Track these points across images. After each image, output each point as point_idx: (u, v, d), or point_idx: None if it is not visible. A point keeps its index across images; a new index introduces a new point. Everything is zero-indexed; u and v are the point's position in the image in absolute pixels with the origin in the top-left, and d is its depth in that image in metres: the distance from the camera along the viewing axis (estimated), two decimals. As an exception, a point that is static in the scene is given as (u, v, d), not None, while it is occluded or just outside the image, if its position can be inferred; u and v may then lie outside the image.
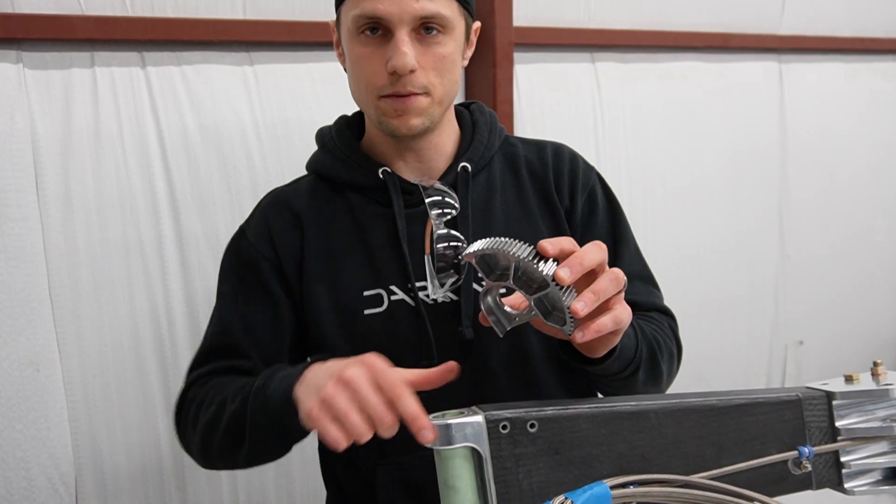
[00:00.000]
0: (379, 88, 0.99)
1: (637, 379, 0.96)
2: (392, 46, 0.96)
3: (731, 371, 2.31)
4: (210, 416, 0.98)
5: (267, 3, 1.54)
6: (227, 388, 0.98)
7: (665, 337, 1.04)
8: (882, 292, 2.66)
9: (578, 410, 0.75)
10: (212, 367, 1.07)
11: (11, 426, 1.36)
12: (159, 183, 1.46)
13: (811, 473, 0.80)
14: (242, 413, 0.92)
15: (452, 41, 1.00)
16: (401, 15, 0.95)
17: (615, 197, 1.17)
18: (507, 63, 1.77)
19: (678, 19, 2.09)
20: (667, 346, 1.03)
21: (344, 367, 0.77)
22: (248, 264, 1.09)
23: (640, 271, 1.14)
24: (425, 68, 0.98)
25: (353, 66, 1.02)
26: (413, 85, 0.98)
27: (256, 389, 0.91)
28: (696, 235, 2.19)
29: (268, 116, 1.56)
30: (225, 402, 0.96)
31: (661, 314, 1.11)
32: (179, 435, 1.08)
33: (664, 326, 1.07)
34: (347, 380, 0.75)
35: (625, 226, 1.16)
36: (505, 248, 0.76)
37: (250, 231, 1.11)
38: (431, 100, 1.01)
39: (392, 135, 1.03)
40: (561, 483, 0.73)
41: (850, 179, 2.50)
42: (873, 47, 2.49)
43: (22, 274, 1.35)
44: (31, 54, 1.36)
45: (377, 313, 1.05)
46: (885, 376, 0.84)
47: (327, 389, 0.75)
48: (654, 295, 1.13)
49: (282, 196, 1.13)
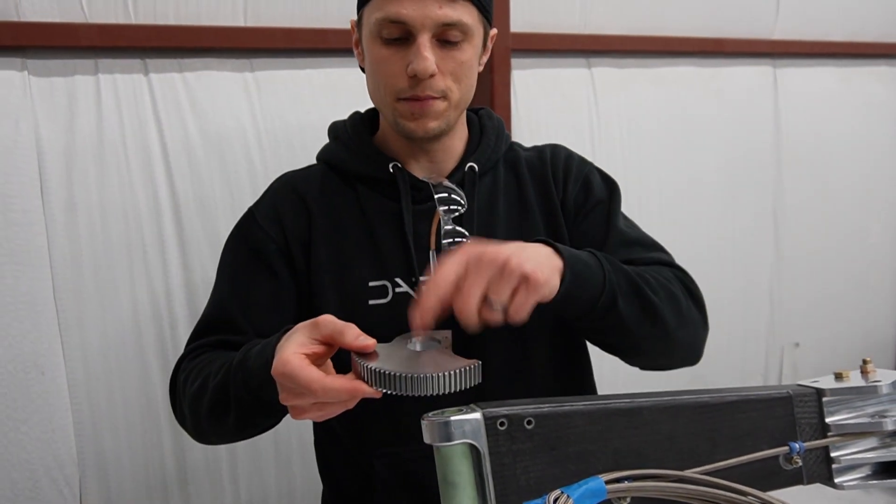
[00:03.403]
0: (398, 91, 1.00)
1: (621, 312, 0.94)
2: (413, 51, 0.97)
3: (727, 372, 2.33)
4: (195, 389, 0.98)
5: (267, 10, 1.56)
6: (213, 363, 0.99)
7: (661, 278, 1.02)
8: (876, 294, 2.68)
9: (574, 407, 0.77)
10: (206, 340, 1.07)
11: (17, 428, 1.38)
12: (161, 187, 1.48)
13: (802, 468, 0.82)
14: (225, 387, 0.92)
15: (472, 48, 1.02)
16: (423, 20, 0.96)
17: (615, 183, 1.18)
18: (504, 68, 1.79)
19: (673, 24, 2.11)
20: (663, 286, 1.01)
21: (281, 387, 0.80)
22: (254, 244, 1.10)
23: (638, 238, 1.14)
24: (444, 73, 1.00)
25: (372, 68, 1.03)
26: (432, 89, 0.99)
27: (237, 364, 0.91)
28: (691, 238, 2.21)
29: (268, 121, 1.58)
30: (209, 377, 0.97)
31: (664, 266, 1.09)
32: (174, 410, 1.08)
33: (661, 273, 1.04)
34: (292, 405, 0.80)
35: (619, 205, 1.16)
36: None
37: (259, 212, 1.12)
38: (448, 104, 1.02)
39: (408, 137, 1.05)
40: (558, 478, 0.74)
41: (844, 182, 2.52)
42: (866, 52, 2.51)
43: (27, 278, 1.37)
44: (36, 62, 1.38)
45: (382, 304, 1.06)
46: (873, 374, 0.85)
47: (282, 400, 0.80)
48: (655, 256, 1.11)
49: (293, 181, 1.14)
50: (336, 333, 0.78)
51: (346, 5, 1.06)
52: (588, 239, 1.12)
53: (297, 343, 0.78)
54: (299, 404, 0.79)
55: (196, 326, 1.11)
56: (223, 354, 1.01)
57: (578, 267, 0.89)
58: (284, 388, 0.79)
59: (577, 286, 0.88)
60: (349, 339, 0.77)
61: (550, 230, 1.13)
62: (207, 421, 0.98)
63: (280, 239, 1.09)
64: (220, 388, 0.94)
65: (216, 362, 0.98)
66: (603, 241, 1.11)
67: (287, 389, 0.79)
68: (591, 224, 1.13)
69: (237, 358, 0.92)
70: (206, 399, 0.96)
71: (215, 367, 0.97)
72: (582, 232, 1.13)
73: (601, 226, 1.13)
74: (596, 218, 1.14)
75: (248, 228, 1.12)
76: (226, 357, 0.98)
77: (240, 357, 0.92)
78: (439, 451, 0.74)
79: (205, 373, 0.98)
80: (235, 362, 0.92)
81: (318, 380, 0.75)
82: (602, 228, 1.13)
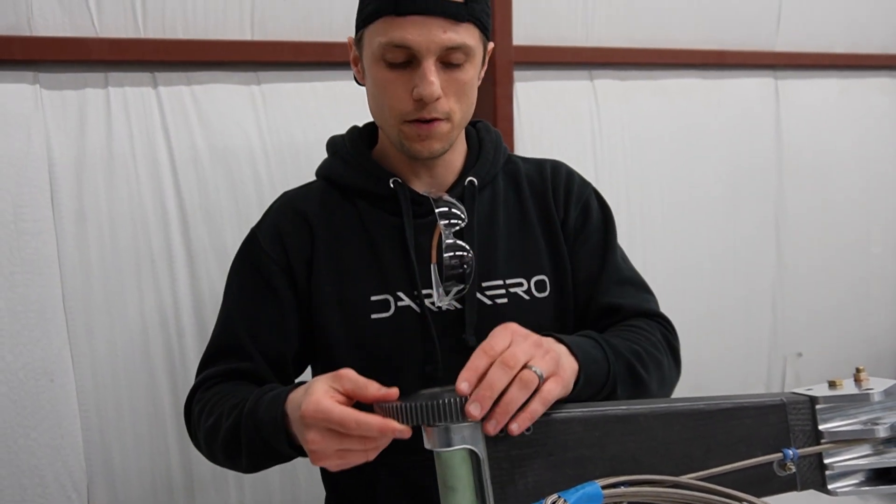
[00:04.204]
0: (403, 114, 1.01)
1: (616, 395, 0.96)
2: (419, 75, 0.98)
3: (729, 381, 2.33)
4: (209, 426, 1.01)
5: (274, 24, 1.59)
6: (225, 401, 1.01)
7: (651, 347, 1.05)
8: (879, 303, 2.69)
9: (572, 414, 0.78)
10: (217, 369, 1.09)
11: (27, 434, 1.39)
12: (169, 198, 1.50)
13: (796, 475, 0.83)
14: (237, 432, 0.95)
15: (473, 67, 1.03)
16: (428, 45, 0.97)
17: (610, 210, 1.20)
18: (506, 81, 1.81)
19: (675, 37, 2.12)
20: (652, 357, 1.04)
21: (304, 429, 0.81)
22: (258, 267, 1.11)
23: (631, 276, 1.16)
24: (448, 95, 1.01)
25: (376, 90, 1.04)
26: (437, 111, 1.00)
27: (248, 412, 0.93)
28: (694, 249, 2.22)
29: (274, 133, 1.60)
30: (221, 417, 0.99)
31: (651, 319, 1.12)
32: (189, 434, 1.11)
33: (651, 334, 1.08)
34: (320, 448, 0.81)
35: (615, 236, 1.19)
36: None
37: (261, 234, 1.13)
38: (452, 125, 1.04)
39: (412, 157, 1.07)
40: (555, 483, 0.76)
41: (846, 192, 2.53)
42: (868, 63, 2.52)
43: (37, 286, 1.38)
44: (48, 75, 1.40)
45: (384, 318, 1.07)
46: (866, 381, 0.86)
47: (317, 462, 0.82)
48: (644, 299, 1.15)
49: (293, 199, 1.16)
50: (358, 389, 0.80)
51: (351, 19, 1.07)
52: (584, 271, 1.14)
53: (321, 390, 0.81)
54: (324, 449, 0.80)
55: (206, 350, 1.13)
56: (234, 391, 1.03)
57: (591, 368, 0.90)
58: (314, 429, 0.80)
59: (587, 385, 0.89)
60: (372, 392, 0.79)
61: (551, 249, 1.14)
62: (223, 457, 1.02)
63: (282, 259, 1.10)
64: (232, 430, 0.96)
65: (228, 401, 1.01)
66: (598, 277, 1.14)
67: (316, 430, 0.80)
68: (587, 255, 1.15)
69: (248, 406, 0.94)
70: (219, 438, 0.99)
71: (227, 407, 0.99)
72: (578, 260, 1.15)
73: (597, 259, 1.15)
74: (592, 249, 1.16)
75: (251, 251, 1.13)
76: (237, 396, 1.00)
77: (250, 406, 0.94)
78: (439, 457, 0.76)
79: (217, 411, 1.01)
80: (246, 410, 0.94)
81: (353, 415, 0.77)
82: (598, 262, 1.15)
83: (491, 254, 1.11)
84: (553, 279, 1.13)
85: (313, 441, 0.80)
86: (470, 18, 0.99)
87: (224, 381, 1.08)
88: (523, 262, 1.13)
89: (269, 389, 0.95)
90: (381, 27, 0.99)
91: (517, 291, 1.11)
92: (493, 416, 0.73)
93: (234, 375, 1.09)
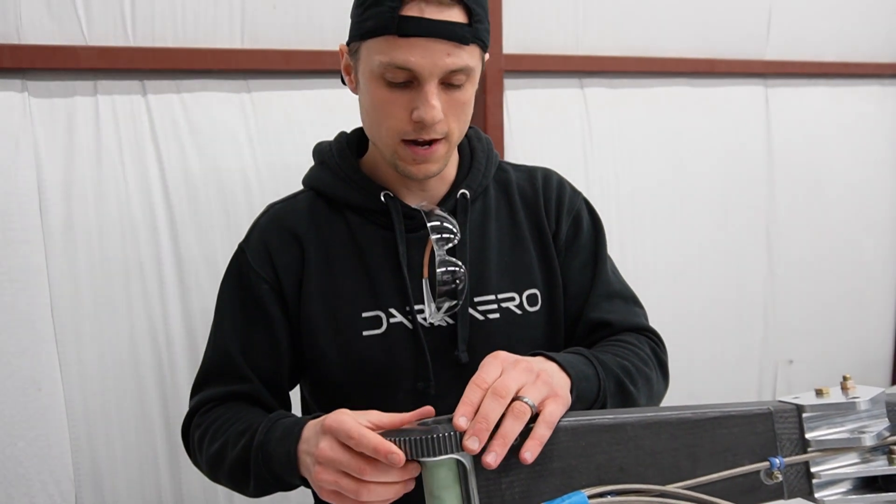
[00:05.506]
0: (401, 133, 0.99)
1: (605, 408, 0.96)
2: (421, 98, 0.96)
3: (721, 389, 2.34)
4: (214, 452, 1.00)
5: (264, 32, 1.59)
6: (228, 427, 1.00)
7: (639, 362, 1.04)
8: (870, 310, 2.70)
9: (559, 423, 0.78)
10: (214, 391, 1.08)
11: (14, 443, 1.39)
12: (159, 206, 1.50)
13: (783, 483, 0.83)
14: (244, 462, 0.95)
15: (473, 86, 1.02)
16: (431, 69, 0.94)
17: (600, 220, 1.20)
18: (497, 89, 1.81)
19: (665, 45, 2.13)
20: (641, 372, 1.03)
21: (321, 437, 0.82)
22: (247, 286, 1.09)
23: (620, 290, 1.16)
24: (447, 115, 0.99)
25: (373, 108, 1.01)
26: (436, 132, 0.99)
27: (258, 446, 0.92)
28: (684, 257, 2.22)
29: (263, 142, 1.60)
30: (227, 446, 0.98)
31: (640, 334, 1.12)
32: (189, 455, 1.10)
33: (640, 350, 1.07)
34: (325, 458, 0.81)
35: (605, 248, 1.19)
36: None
37: (250, 251, 1.10)
38: (449, 144, 1.02)
39: (407, 177, 1.05)
40: (542, 493, 0.76)
41: (837, 200, 2.54)
42: (857, 72, 2.53)
43: (25, 295, 1.38)
44: (36, 83, 1.40)
45: (376, 335, 1.06)
46: (853, 390, 0.86)
47: (317, 475, 0.82)
48: (633, 314, 1.15)
49: (280, 214, 1.13)
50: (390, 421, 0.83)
51: (340, 27, 1.07)
52: (574, 285, 1.14)
53: (352, 413, 0.83)
54: (329, 459, 0.80)
55: (200, 371, 1.12)
56: (237, 416, 1.03)
57: (582, 385, 0.90)
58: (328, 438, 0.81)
59: (578, 401, 0.89)
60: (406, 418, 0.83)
61: (543, 262, 1.14)
62: (228, 483, 1.01)
63: (272, 278, 1.08)
64: (239, 460, 0.96)
65: (232, 426, 1.00)
66: (588, 291, 1.14)
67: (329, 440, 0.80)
68: (578, 268, 1.15)
69: (258, 439, 0.93)
70: (225, 466, 0.98)
71: (233, 435, 0.98)
72: (569, 274, 1.15)
73: (587, 272, 1.15)
74: (583, 262, 1.15)
75: (240, 270, 1.11)
76: (241, 421, 1.00)
77: (260, 439, 0.93)
78: (426, 466, 0.76)
79: (222, 437, 1.00)
80: (256, 443, 0.93)
81: (361, 429, 0.77)
82: (588, 276, 1.15)
83: (483, 268, 1.10)
84: (545, 292, 1.13)
85: (323, 450, 0.80)
86: (474, 40, 0.97)
87: (222, 403, 1.07)
88: (515, 276, 1.11)
89: (278, 418, 0.94)
90: (381, 45, 0.96)
91: (509, 306, 1.10)
92: (491, 449, 0.73)
93: (231, 398, 1.08)
